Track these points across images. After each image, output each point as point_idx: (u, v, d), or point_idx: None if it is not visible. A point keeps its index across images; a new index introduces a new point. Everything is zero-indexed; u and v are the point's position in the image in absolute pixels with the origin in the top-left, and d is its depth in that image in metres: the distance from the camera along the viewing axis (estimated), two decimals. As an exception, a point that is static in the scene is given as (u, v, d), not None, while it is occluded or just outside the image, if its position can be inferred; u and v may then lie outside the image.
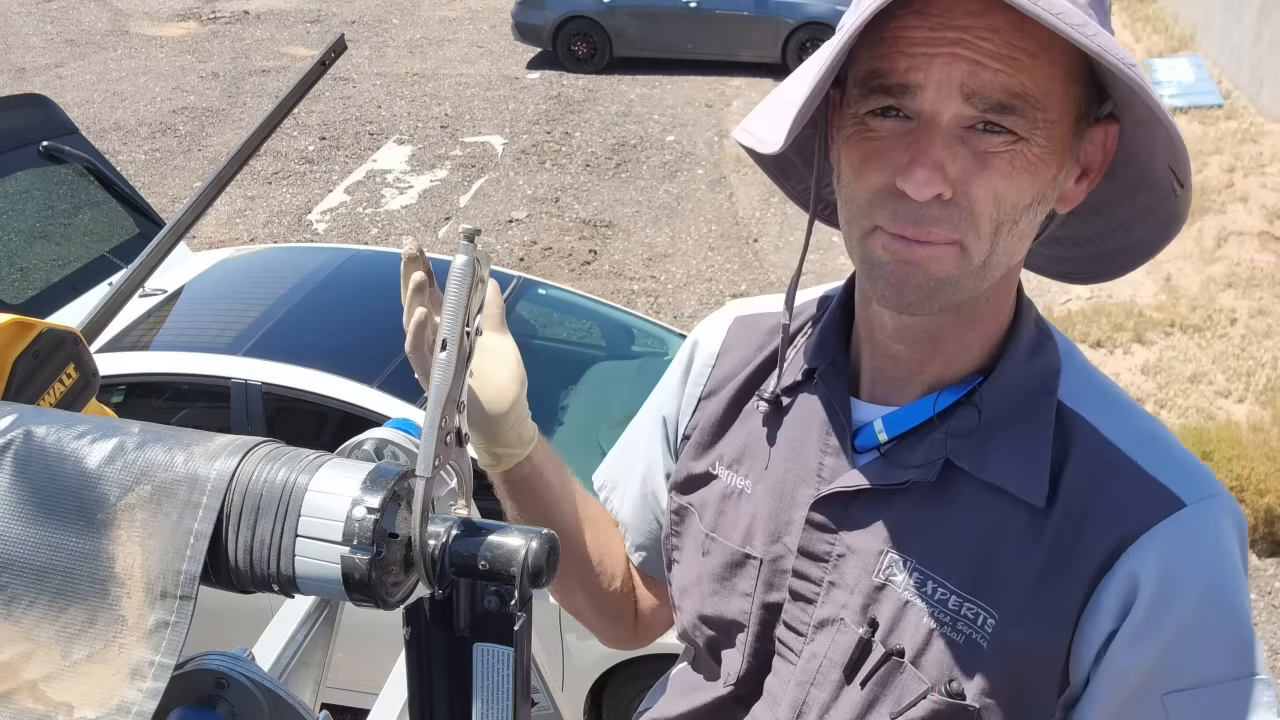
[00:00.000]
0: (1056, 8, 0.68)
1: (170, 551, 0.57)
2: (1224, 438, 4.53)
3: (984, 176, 0.77)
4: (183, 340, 3.76)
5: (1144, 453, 0.83)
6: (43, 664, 0.56)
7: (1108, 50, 0.69)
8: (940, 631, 0.85)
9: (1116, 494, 0.82)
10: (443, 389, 0.70)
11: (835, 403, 0.93)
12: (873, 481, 0.89)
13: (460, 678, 0.68)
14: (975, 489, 0.85)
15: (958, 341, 0.88)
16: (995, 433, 0.86)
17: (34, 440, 0.60)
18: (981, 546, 0.84)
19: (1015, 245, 0.81)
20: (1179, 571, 0.80)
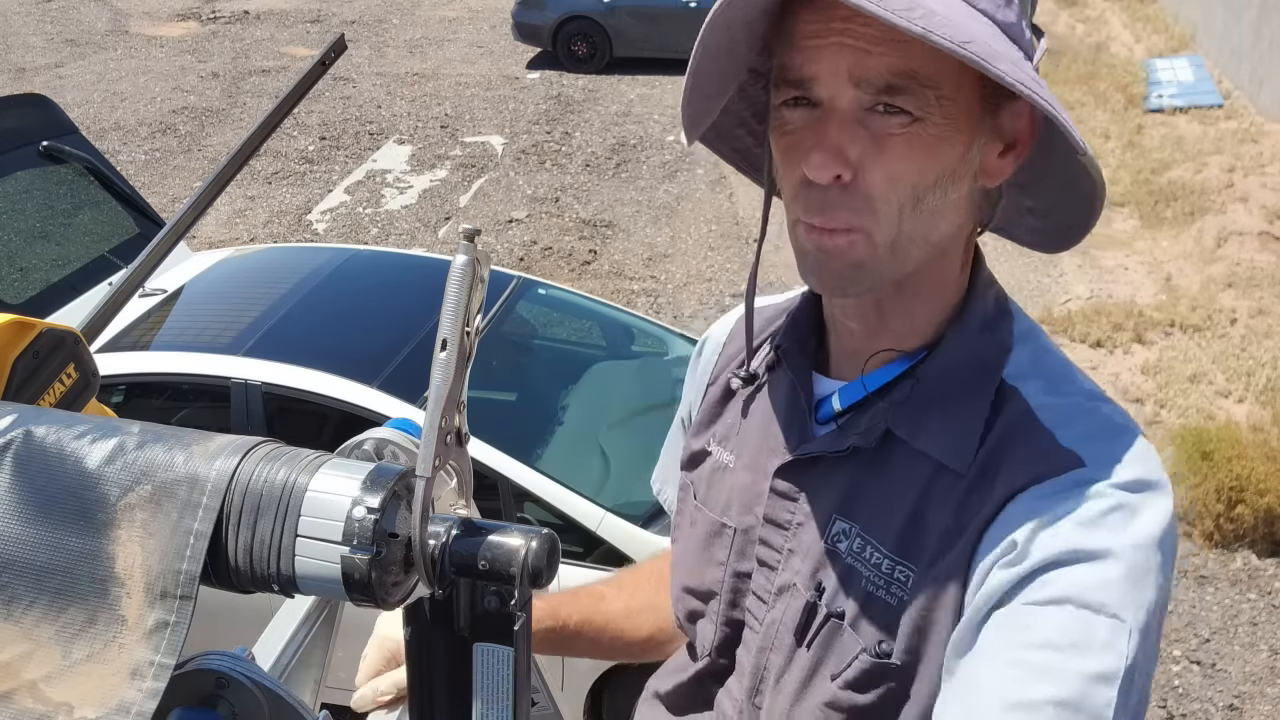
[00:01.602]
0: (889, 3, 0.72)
1: (170, 551, 0.57)
2: (1224, 438, 4.53)
3: (881, 159, 0.81)
4: (183, 340, 3.76)
5: (1065, 425, 0.84)
6: (43, 664, 0.56)
7: (931, 31, 0.71)
8: (876, 595, 0.88)
9: (1023, 454, 0.83)
10: (443, 389, 0.70)
11: (797, 378, 0.98)
12: (822, 449, 0.93)
13: (460, 678, 0.68)
14: (911, 456, 0.89)
15: (904, 317, 0.91)
16: (933, 404, 0.89)
17: (34, 440, 0.60)
18: (911, 511, 0.87)
19: (928, 223, 0.84)
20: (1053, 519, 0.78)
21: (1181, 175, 7.60)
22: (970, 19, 0.77)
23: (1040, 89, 0.76)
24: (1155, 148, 8.24)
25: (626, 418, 3.97)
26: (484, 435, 3.27)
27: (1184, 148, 8.13)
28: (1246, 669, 3.83)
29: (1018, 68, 0.75)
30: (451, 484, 0.75)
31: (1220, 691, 3.74)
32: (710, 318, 6.29)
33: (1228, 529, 4.34)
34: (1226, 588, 4.18)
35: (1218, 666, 3.84)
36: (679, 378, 4.48)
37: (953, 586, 0.83)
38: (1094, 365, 5.51)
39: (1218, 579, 4.22)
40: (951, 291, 0.92)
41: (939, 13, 0.73)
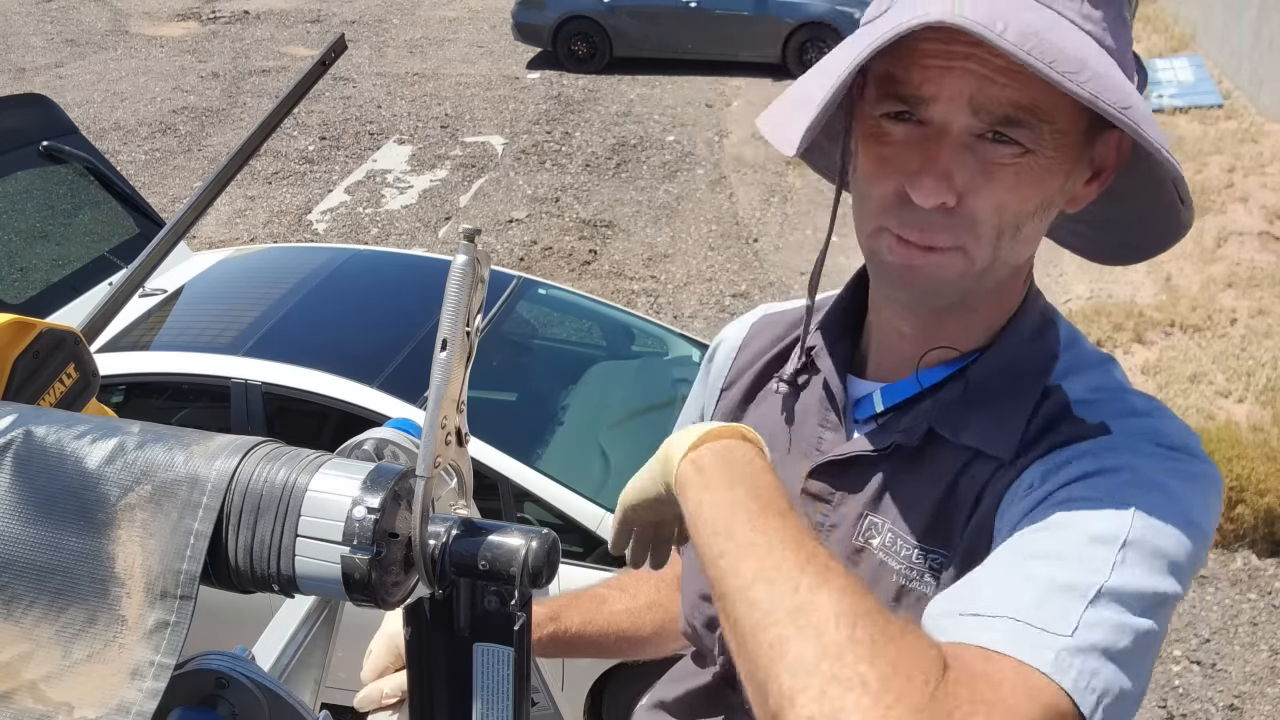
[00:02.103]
0: (1050, 55, 0.71)
1: (170, 551, 0.57)
2: (1224, 438, 4.52)
3: (989, 188, 0.80)
4: (183, 340, 3.76)
5: (1102, 405, 0.85)
6: (43, 664, 0.56)
7: (1099, 96, 0.71)
8: (910, 586, 0.88)
9: (1054, 432, 0.84)
10: (443, 389, 0.70)
11: (832, 380, 0.97)
12: (861, 448, 0.93)
13: (460, 677, 0.68)
14: (951, 452, 0.88)
15: (962, 324, 0.91)
16: (979, 404, 0.89)
17: (34, 440, 0.60)
18: (941, 500, 0.87)
19: (1020, 248, 0.84)
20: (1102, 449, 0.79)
21: (1181, 175, 7.60)
22: (1100, 59, 0.75)
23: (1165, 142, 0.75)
24: (1155, 148, 8.23)
25: (626, 418, 3.97)
26: (484, 435, 3.27)
27: (1184, 148, 8.13)
28: (1246, 669, 3.83)
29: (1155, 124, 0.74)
30: (451, 484, 0.75)
31: (1220, 691, 3.74)
32: (710, 318, 6.28)
33: (1228, 529, 4.34)
34: (1226, 588, 4.18)
35: (1218, 666, 3.84)
36: (679, 378, 4.49)
37: (981, 552, 0.80)
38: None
39: (1218, 579, 4.22)
40: (1009, 302, 0.92)
41: (1102, 74, 0.72)
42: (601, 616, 1.21)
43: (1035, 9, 0.75)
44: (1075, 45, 0.73)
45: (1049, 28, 0.73)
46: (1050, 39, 0.71)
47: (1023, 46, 0.70)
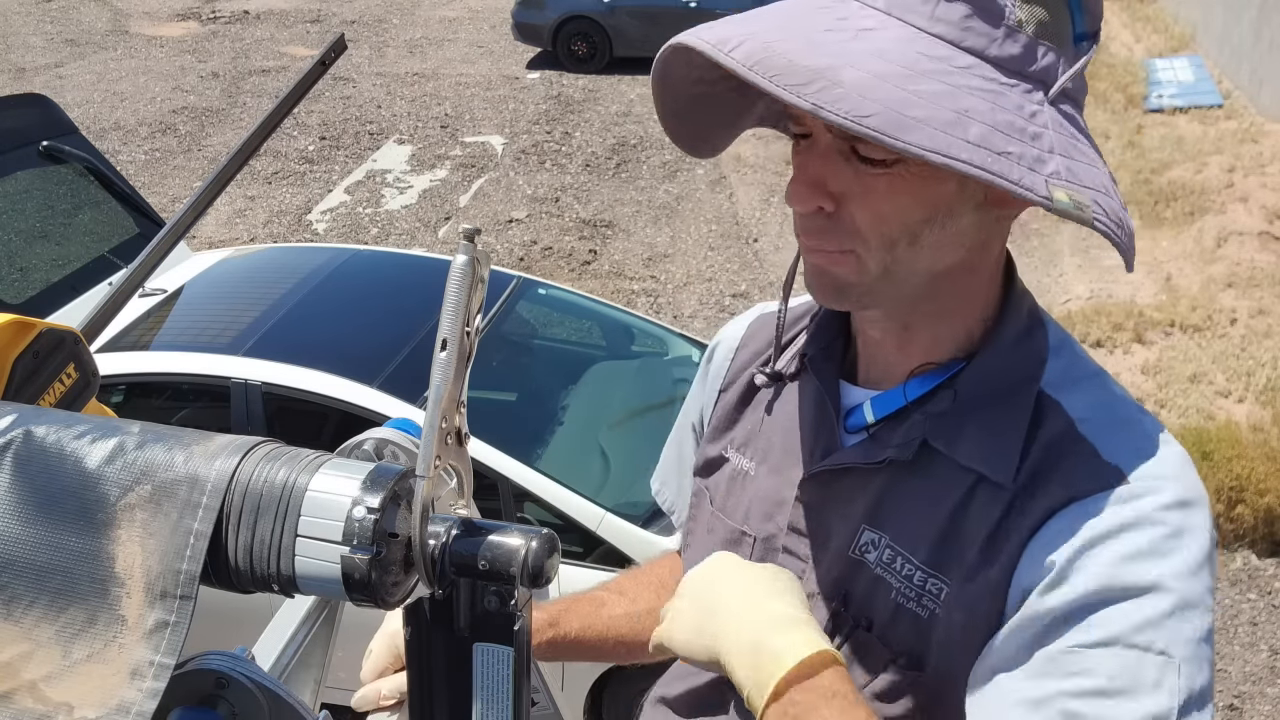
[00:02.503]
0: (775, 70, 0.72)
1: (170, 551, 0.57)
2: (1224, 438, 4.52)
3: (865, 198, 0.81)
4: (183, 340, 3.76)
5: (1108, 438, 0.84)
6: (43, 664, 0.56)
7: (822, 106, 0.70)
8: (905, 606, 0.87)
9: (1067, 468, 0.83)
10: (443, 389, 0.70)
11: (825, 386, 0.97)
12: (855, 460, 0.92)
13: (460, 678, 0.68)
14: (948, 468, 0.88)
15: (930, 331, 0.90)
16: (972, 415, 0.88)
17: (34, 440, 0.60)
18: (947, 523, 0.86)
19: (930, 256, 0.83)
20: (1126, 526, 0.78)
21: (1181, 175, 7.60)
22: (911, 78, 0.73)
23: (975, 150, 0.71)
24: (1155, 148, 8.24)
25: (626, 418, 3.97)
26: (484, 435, 3.27)
27: (1184, 148, 8.13)
28: (1246, 669, 3.83)
29: (953, 127, 0.71)
30: (451, 484, 0.75)
31: (1220, 691, 3.74)
32: (710, 318, 6.29)
33: (1228, 529, 4.34)
34: (1226, 588, 4.18)
35: (1218, 666, 3.84)
36: (679, 378, 4.49)
37: (990, 601, 0.83)
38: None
39: (1218, 579, 4.23)
40: (980, 305, 0.90)
41: (845, 82, 0.71)
42: (600, 621, 1.20)
43: (830, 29, 0.76)
44: (848, 57, 0.73)
45: (816, 45, 0.74)
46: (792, 54, 0.72)
47: (746, 62, 0.73)
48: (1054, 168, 0.74)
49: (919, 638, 0.87)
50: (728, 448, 1.07)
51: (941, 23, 0.77)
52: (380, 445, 1.17)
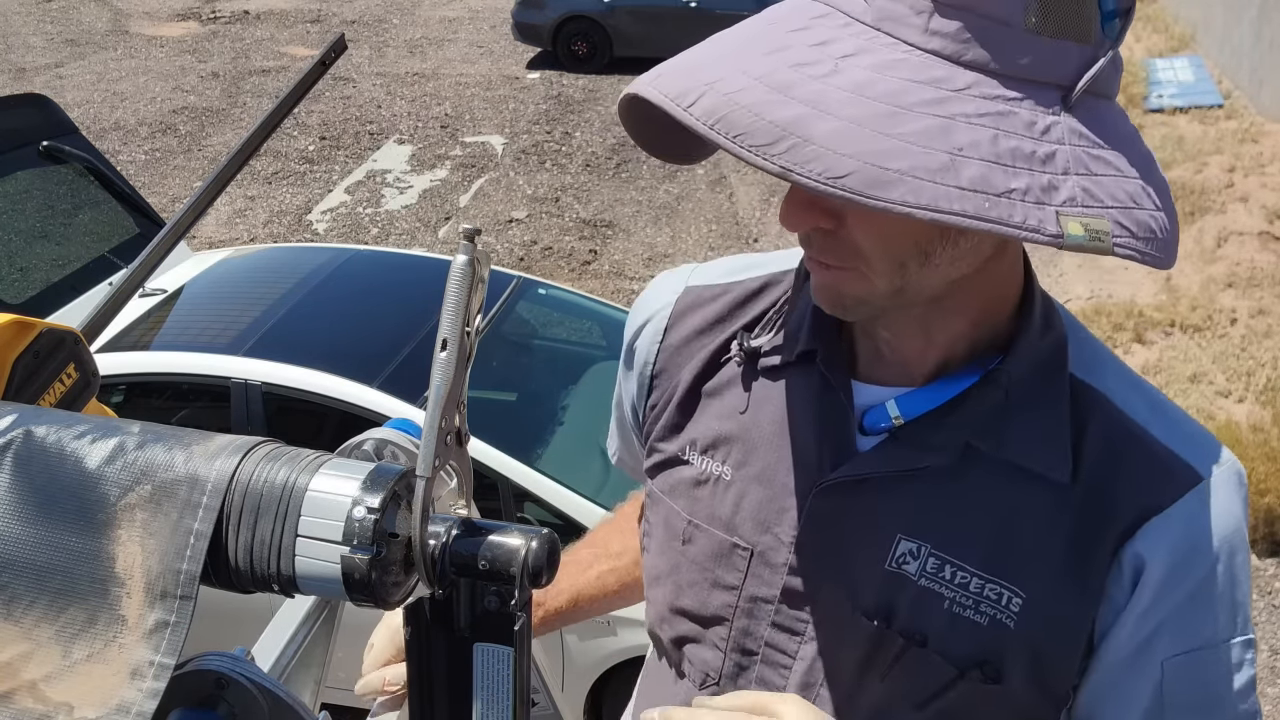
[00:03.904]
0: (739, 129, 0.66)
1: (170, 551, 0.57)
2: (1224, 438, 4.53)
3: (865, 217, 0.75)
4: (183, 340, 3.76)
5: (1158, 424, 0.84)
6: (43, 664, 0.56)
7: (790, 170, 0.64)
8: (963, 615, 0.84)
9: (1136, 467, 0.82)
10: (443, 389, 0.70)
11: (838, 385, 0.89)
12: (885, 467, 0.86)
13: (460, 678, 0.68)
14: (993, 469, 0.84)
15: (947, 330, 0.85)
16: (1013, 411, 0.83)
17: (34, 440, 0.60)
18: (1001, 526, 0.83)
19: (944, 269, 0.78)
20: (1194, 545, 0.82)
21: (1181, 175, 7.60)
22: (893, 118, 0.66)
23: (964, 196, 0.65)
24: (1155, 147, 8.23)
25: (626, 418, 3.96)
26: (484, 435, 3.27)
27: (1184, 148, 8.13)
28: (1246, 669, 3.83)
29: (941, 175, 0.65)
30: (451, 484, 0.75)
31: (1220, 691, 3.74)
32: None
33: (1228, 529, 4.34)
34: (1226, 588, 4.19)
35: (1218, 666, 3.84)
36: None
37: (1085, 606, 0.83)
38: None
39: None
40: (1001, 299, 0.85)
41: (815, 138, 0.65)
42: (590, 584, 1.20)
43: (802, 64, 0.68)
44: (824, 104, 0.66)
45: (785, 88, 0.67)
46: (757, 106, 0.66)
47: (704, 120, 0.66)
48: (1067, 193, 0.67)
49: (982, 648, 0.83)
50: (687, 450, 0.98)
51: (938, 37, 0.68)
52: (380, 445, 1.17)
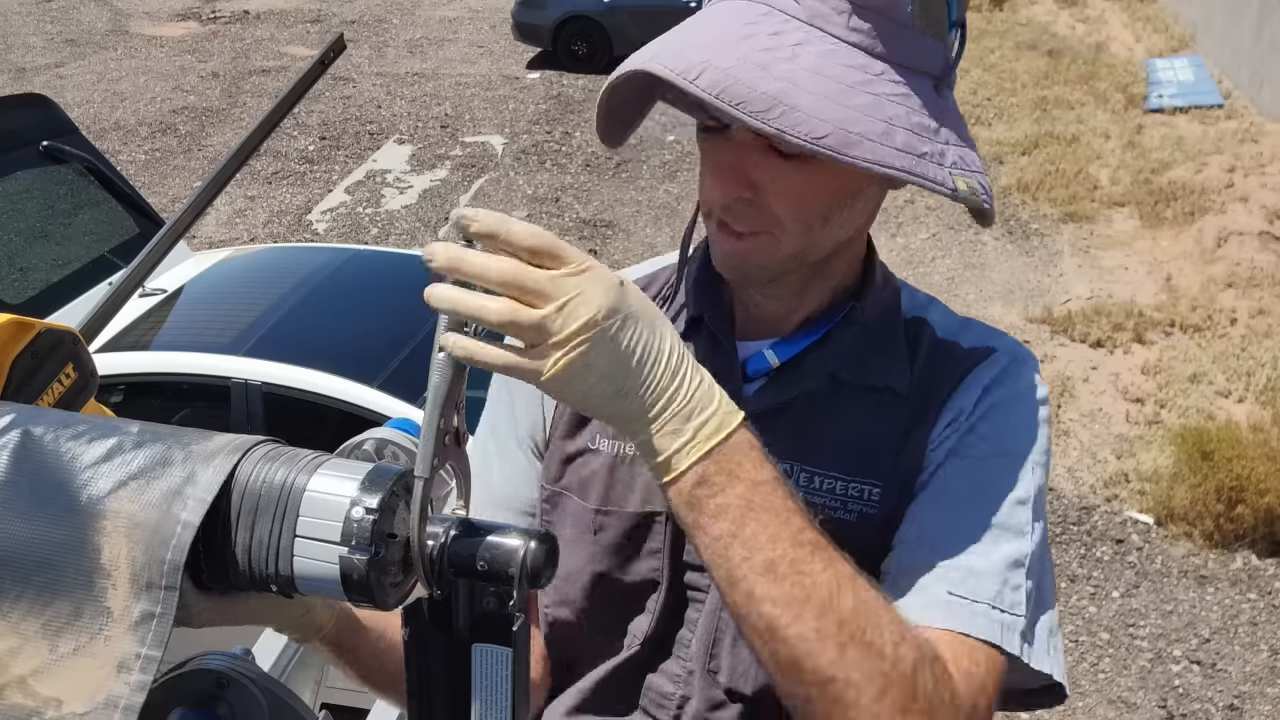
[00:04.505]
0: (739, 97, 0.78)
1: (156, 541, 0.57)
2: (1224, 438, 4.52)
3: (785, 190, 0.88)
4: (183, 340, 3.76)
5: (966, 335, 1.03)
6: (30, 658, 0.56)
7: (785, 130, 0.77)
8: (835, 516, 0.96)
9: (953, 361, 1.00)
10: (441, 389, 0.70)
11: (725, 342, 1.02)
12: (767, 403, 0.99)
13: (459, 679, 0.68)
14: (853, 392, 0.99)
15: (819, 289, 1.00)
16: (866, 344, 1.00)
17: (31, 439, 0.60)
18: (860, 436, 0.97)
19: (835, 231, 0.93)
20: (988, 387, 0.97)
21: (1181, 175, 7.60)
22: (844, 93, 0.80)
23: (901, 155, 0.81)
24: (1155, 148, 8.24)
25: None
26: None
27: (1184, 148, 8.13)
28: (1246, 669, 3.83)
29: (884, 138, 0.80)
30: (451, 485, 0.75)
31: (1220, 692, 3.74)
32: (710, 318, 6.28)
33: (1228, 529, 4.34)
34: (1226, 588, 4.18)
35: (1218, 666, 3.84)
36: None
37: (914, 478, 0.96)
38: (1094, 365, 5.51)
39: (1218, 579, 4.22)
40: (855, 259, 1.02)
41: (800, 106, 0.78)
42: None
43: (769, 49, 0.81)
44: (793, 79, 0.79)
45: (764, 66, 0.80)
46: (750, 80, 0.78)
47: (710, 91, 0.78)
48: (953, 158, 0.85)
49: (856, 538, 0.92)
50: (596, 438, 1.04)
51: (856, 33, 0.83)
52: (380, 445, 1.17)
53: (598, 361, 0.70)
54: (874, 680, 0.77)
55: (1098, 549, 4.39)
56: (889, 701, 0.77)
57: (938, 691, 0.80)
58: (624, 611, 1.04)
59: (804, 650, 0.77)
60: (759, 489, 0.77)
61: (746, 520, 0.76)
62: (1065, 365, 5.51)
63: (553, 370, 0.69)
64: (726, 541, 0.76)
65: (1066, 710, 3.67)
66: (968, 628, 0.86)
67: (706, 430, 0.76)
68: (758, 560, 0.76)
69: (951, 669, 0.83)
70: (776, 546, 0.76)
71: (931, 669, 0.80)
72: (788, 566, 0.76)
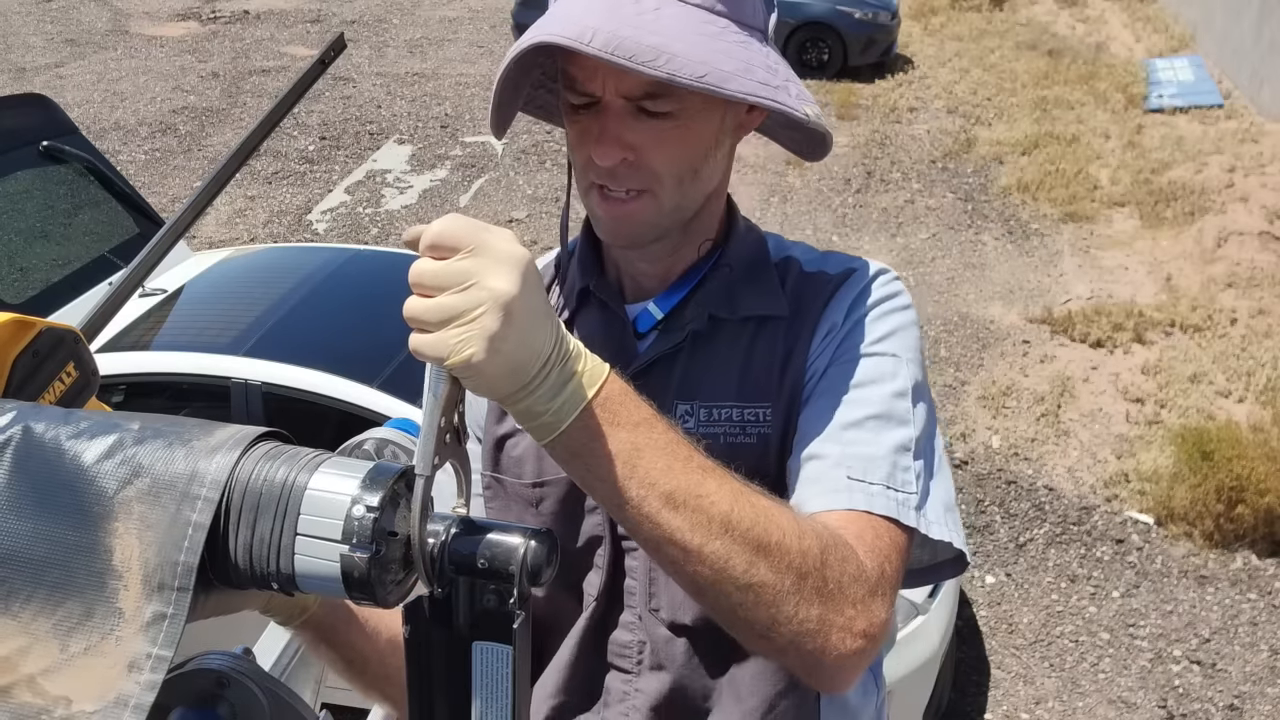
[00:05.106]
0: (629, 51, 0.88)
1: (168, 543, 0.57)
2: (1224, 438, 4.52)
3: (660, 147, 0.98)
4: (183, 340, 3.76)
5: (829, 263, 1.13)
6: (41, 658, 0.56)
7: (676, 74, 0.89)
8: (736, 442, 1.04)
9: (820, 286, 1.09)
10: (441, 388, 0.70)
11: (613, 304, 1.12)
12: (657, 351, 1.08)
13: (459, 676, 0.68)
14: (733, 327, 1.08)
15: (689, 245, 1.10)
16: (737, 283, 1.10)
17: (33, 436, 0.60)
18: (744, 365, 1.06)
19: (702, 184, 1.04)
20: (854, 297, 1.07)
21: (1181, 175, 7.60)
22: (708, 41, 0.93)
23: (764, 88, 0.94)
24: (1155, 148, 8.24)
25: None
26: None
27: (1184, 148, 8.13)
28: (1247, 669, 3.83)
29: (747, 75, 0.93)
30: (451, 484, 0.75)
31: (1220, 692, 3.74)
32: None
33: (1228, 529, 4.34)
34: (1226, 588, 4.18)
35: (1218, 666, 3.84)
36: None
37: (799, 392, 1.05)
38: (1094, 365, 5.51)
39: (1218, 579, 4.22)
40: (717, 214, 1.12)
41: (679, 54, 0.90)
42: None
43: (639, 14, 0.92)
44: (666, 34, 0.91)
45: (639, 26, 0.90)
46: (635, 38, 0.89)
47: (605, 50, 0.88)
48: (796, 91, 0.99)
49: (759, 460, 1.03)
50: None
51: None
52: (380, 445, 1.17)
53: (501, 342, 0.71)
54: (787, 576, 0.83)
55: (1098, 549, 4.39)
56: (807, 590, 0.84)
57: (844, 568, 0.87)
58: (578, 571, 1.10)
59: (719, 567, 0.82)
60: (640, 429, 0.81)
61: (636, 461, 0.80)
62: (1065, 365, 5.52)
63: (456, 355, 0.71)
64: (623, 485, 0.80)
65: (1067, 710, 3.67)
66: (868, 506, 0.94)
67: (580, 386, 0.79)
68: (656, 495, 0.80)
69: (855, 544, 0.91)
70: (670, 478, 0.81)
71: (836, 551, 0.87)
72: (685, 494, 0.81)
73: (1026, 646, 3.95)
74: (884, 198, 7.84)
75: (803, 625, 0.85)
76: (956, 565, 1.08)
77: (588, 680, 1.11)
